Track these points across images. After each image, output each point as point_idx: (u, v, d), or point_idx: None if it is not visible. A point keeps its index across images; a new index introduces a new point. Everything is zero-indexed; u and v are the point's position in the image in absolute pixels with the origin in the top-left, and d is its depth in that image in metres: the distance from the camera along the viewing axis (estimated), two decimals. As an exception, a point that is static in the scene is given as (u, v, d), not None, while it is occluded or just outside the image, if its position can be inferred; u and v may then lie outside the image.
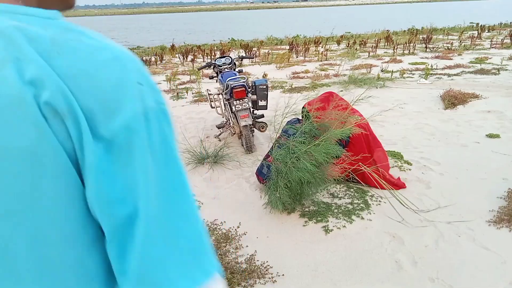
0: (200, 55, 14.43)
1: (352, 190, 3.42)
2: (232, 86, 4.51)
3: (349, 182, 3.55)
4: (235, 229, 2.86)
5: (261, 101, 4.74)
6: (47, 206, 0.46)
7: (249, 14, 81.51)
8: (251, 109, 4.75)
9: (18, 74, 0.44)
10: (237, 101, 4.50)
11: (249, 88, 4.71)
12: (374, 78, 8.43)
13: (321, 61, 12.25)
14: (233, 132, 4.80)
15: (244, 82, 4.58)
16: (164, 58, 13.95)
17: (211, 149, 4.46)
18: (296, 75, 9.78)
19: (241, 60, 5.82)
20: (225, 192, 3.60)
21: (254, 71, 10.49)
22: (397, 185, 3.46)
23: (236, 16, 72.59)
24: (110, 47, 0.50)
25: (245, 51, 14.49)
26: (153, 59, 13.27)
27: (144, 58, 13.16)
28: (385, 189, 3.38)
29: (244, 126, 4.45)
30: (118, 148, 0.47)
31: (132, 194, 0.48)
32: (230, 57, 5.37)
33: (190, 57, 13.62)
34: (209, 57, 13.74)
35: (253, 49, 14.58)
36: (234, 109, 4.51)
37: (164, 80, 9.44)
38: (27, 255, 0.47)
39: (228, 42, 19.78)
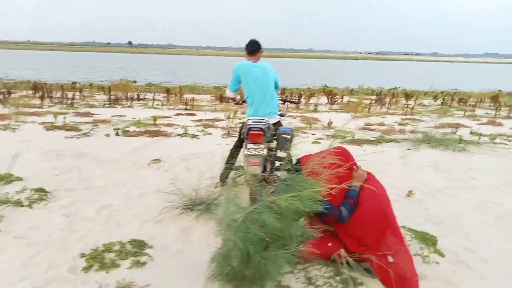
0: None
1: (339, 278, 2.57)
2: (249, 127, 3.98)
3: (342, 265, 2.69)
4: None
5: (281, 151, 4.10)
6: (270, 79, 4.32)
7: (355, 64, 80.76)
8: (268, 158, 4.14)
9: (268, 65, 4.34)
10: (251, 144, 3.94)
11: (273, 135, 4.12)
12: (455, 139, 7.18)
13: (405, 115, 11.10)
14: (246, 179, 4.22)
15: (264, 125, 4.01)
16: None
17: (217, 194, 3.92)
18: (368, 126, 8.87)
19: (283, 103, 5.26)
20: (191, 250, 2.98)
21: (323, 118, 9.79)
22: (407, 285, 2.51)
23: (342, 65, 72.42)
24: (266, 64, 4.36)
25: (327, 97, 13.89)
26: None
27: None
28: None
29: (252, 175, 3.84)
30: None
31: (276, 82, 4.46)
32: None
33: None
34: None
35: (336, 96, 13.89)
36: (246, 152, 3.94)
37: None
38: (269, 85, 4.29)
39: (319, 88, 19.35)
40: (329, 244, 2.70)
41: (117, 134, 7.08)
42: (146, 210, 3.74)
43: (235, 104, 4.99)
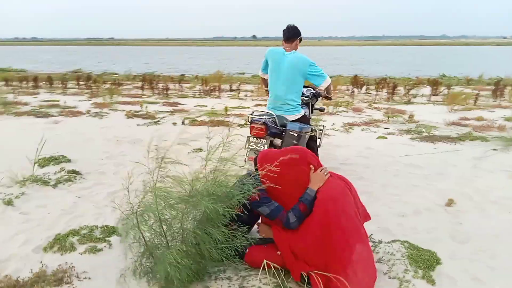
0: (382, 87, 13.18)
1: (277, 293, 2.22)
2: (252, 119, 3.74)
3: (287, 278, 2.32)
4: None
5: None
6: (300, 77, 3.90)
7: (496, 50, 70.48)
8: None
9: (303, 57, 3.86)
10: (253, 138, 3.70)
11: (279, 130, 3.74)
12: None
13: (521, 108, 9.32)
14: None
15: (268, 119, 3.71)
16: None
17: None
18: (459, 121, 7.66)
19: (317, 98, 4.63)
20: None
21: (414, 110, 8.75)
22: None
23: (479, 52, 63.94)
24: (302, 56, 3.89)
25: (431, 88, 12.42)
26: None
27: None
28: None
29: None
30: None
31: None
32: (311, 89, 4.42)
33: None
34: (383, 90, 12.41)
35: (441, 87, 12.33)
36: (247, 145, 3.72)
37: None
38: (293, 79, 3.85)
39: (431, 78, 17.41)
40: (278, 253, 2.37)
41: (182, 123, 7.39)
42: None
43: (266, 90, 4.77)
